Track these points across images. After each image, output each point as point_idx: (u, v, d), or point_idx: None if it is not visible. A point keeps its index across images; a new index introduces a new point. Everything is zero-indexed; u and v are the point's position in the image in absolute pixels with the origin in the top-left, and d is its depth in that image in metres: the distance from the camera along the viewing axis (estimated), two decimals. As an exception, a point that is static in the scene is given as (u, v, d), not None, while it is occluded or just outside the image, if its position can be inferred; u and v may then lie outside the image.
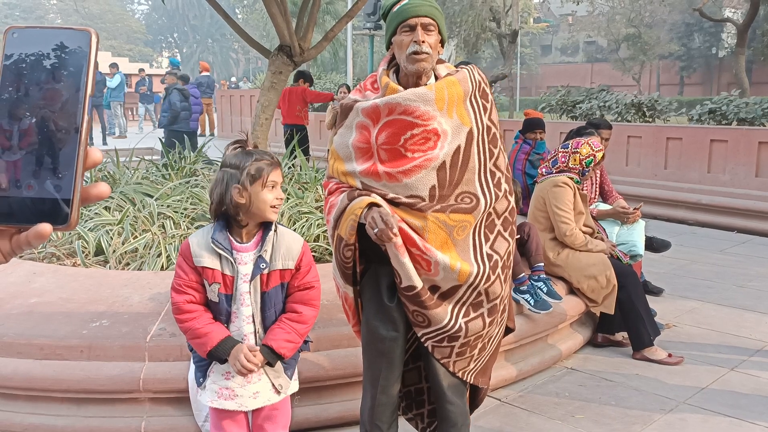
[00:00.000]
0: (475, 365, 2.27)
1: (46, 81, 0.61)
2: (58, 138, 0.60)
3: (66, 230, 0.62)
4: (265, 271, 2.06)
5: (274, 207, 2.01)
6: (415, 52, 2.03)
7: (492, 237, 2.14)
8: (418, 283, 2.05)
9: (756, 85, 23.68)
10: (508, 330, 2.50)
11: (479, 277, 2.09)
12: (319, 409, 3.01)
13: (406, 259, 2.02)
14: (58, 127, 0.60)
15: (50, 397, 2.86)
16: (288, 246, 2.09)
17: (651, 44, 32.03)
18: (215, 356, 2.03)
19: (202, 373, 2.14)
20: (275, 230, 2.08)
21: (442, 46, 2.14)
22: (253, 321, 2.09)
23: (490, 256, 2.12)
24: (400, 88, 2.07)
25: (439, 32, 2.09)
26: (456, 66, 2.25)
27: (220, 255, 2.02)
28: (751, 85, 16.38)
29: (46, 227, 0.60)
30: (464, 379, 2.25)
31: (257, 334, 2.10)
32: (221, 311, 2.06)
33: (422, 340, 2.18)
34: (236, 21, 5.54)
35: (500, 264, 2.15)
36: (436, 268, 2.04)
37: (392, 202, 2.05)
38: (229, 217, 2.04)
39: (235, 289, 2.04)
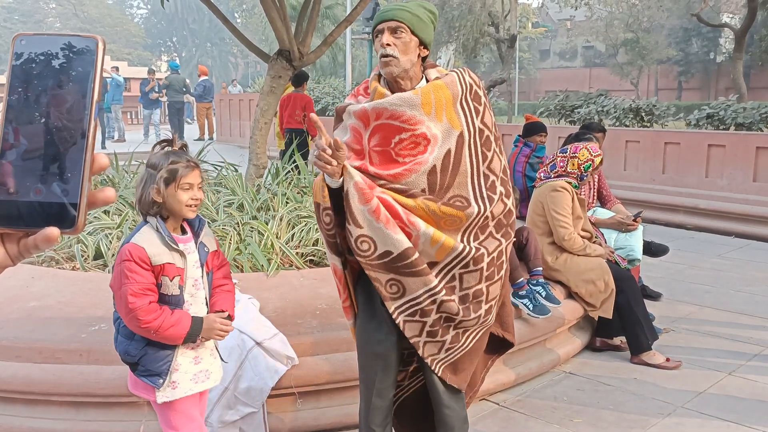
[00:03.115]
0: (446, 356, 2.20)
1: (54, 87, 0.62)
2: (65, 143, 0.61)
3: (73, 234, 0.63)
4: (208, 254, 2.24)
5: (190, 206, 2.12)
6: (382, 55, 2.05)
7: (482, 237, 2.13)
8: (395, 248, 2.02)
9: (754, 90, 23.72)
10: (508, 344, 2.48)
11: (464, 253, 2.06)
12: (318, 413, 3.01)
13: (381, 225, 1.99)
14: (65, 132, 0.61)
15: (49, 401, 2.86)
16: (206, 230, 2.25)
17: (649, 49, 32.13)
18: (190, 338, 2.14)
19: (161, 375, 2.15)
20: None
21: (426, 48, 2.11)
22: (206, 302, 2.24)
23: (477, 249, 2.10)
24: (388, 92, 2.07)
25: (414, 34, 2.05)
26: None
27: (170, 250, 2.12)
28: (749, 90, 16.39)
29: (54, 231, 0.61)
30: (434, 368, 2.20)
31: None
32: (180, 302, 2.15)
33: (394, 316, 2.12)
34: (235, 25, 5.55)
35: (486, 258, 2.12)
36: (417, 242, 2.03)
37: (382, 186, 2.05)
38: (160, 215, 2.14)
39: (188, 277, 2.17)
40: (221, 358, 2.36)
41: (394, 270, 2.06)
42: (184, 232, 2.20)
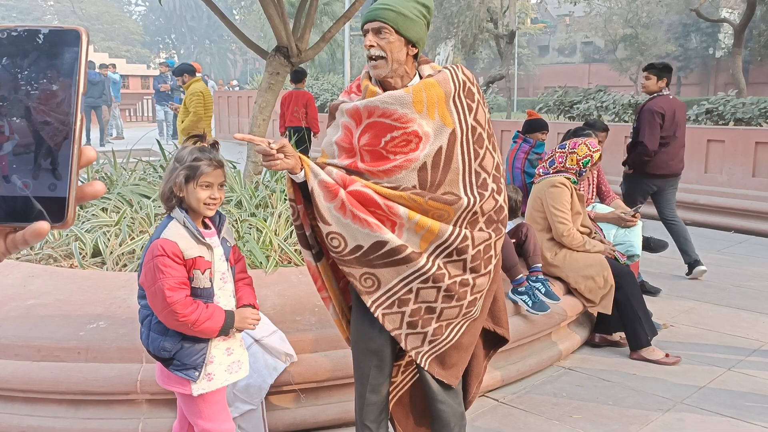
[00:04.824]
0: (431, 348, 2.17)
1: (38, 80, 0.61)
2: (52, 137, 0.60)
3: (62, 228, 0.62)
4: (230, 249, 2.30)
5: (208, 204, 2.14)
6: (368, 57, 2.04)
7: (471, 230, 2.11)
8: (365, 242, 2.01)
9: (753, 86, 23.70)
10: (503, 340, 2.47)
11: (450, 240, 2.04)
12: (317, 410, 3.01)
13: (348, 220, 2.00)
14: (52, 126, 0.60)
15: (48, 399, 2.86)
16: (226, 225, 2.30)
17: (648, 45, 32.11)
18: (224, 331, 2.18)
19: (197, 368, 2.18)
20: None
21: (414, 47, 2.06)
22: (233, 294, 2.29)
23: (464, 237, 2.08)
24: (379, 90, 2.06)
25: (399, 33, 2.01)
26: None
27: (199, 243, 2.15)
28: (748, 85, 16.38)
29: (43, 225, 0.60)
30: (419, 362, 2.17)
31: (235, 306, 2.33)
32: (211, 295, 2.18)
33: (372, 310, 2.10)
34: (233, 22, 5.54)
35: (471, 250, 2.09)
36: (401, 230, 2.02)
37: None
38: (185, 209, 2.17)
39: (215, 270, 2.20)
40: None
41: (367, 263, 2.05)
42: (206, 227, 2.23)
